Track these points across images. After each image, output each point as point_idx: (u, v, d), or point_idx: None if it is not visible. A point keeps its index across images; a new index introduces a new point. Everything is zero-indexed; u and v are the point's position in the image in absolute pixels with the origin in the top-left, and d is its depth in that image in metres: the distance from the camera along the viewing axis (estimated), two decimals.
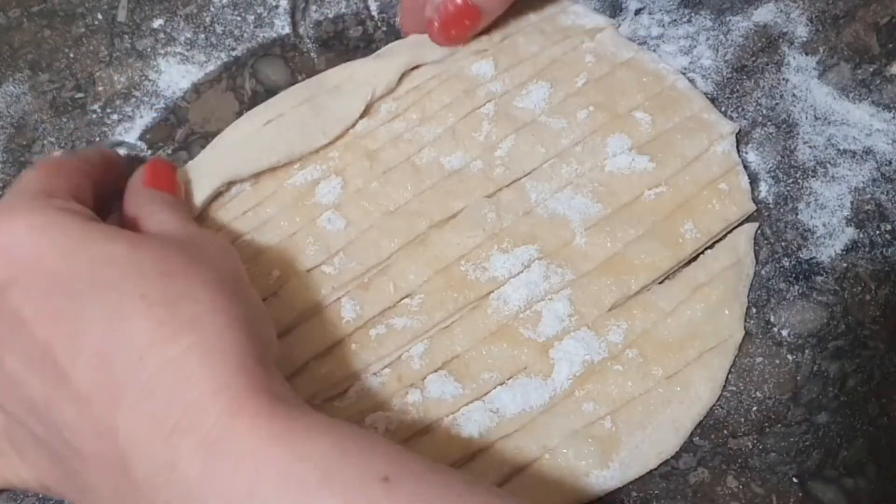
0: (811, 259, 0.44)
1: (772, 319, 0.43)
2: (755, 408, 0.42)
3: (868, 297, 0.44)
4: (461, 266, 0.43)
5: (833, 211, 0.45)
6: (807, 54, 0.49)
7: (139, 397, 0.31)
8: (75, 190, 0.38)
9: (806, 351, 0.43)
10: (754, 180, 0.46)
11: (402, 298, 0.43)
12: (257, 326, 0.34)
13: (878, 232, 0.45)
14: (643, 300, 0.43)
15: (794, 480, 0.41)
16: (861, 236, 0.45)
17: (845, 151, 0.46)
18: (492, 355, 0.42)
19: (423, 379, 0.42)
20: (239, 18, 0.51)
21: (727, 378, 0.42)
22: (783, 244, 0.45)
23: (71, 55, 0.51)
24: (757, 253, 0.45)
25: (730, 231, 0.45)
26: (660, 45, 0.49)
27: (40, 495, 0.41)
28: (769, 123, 0.47)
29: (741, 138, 0.47)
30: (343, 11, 0.51)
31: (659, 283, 0.44)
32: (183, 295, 0.32)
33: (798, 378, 0.42)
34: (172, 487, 0.30)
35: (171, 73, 0.50)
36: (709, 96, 0.48)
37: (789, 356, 0.43)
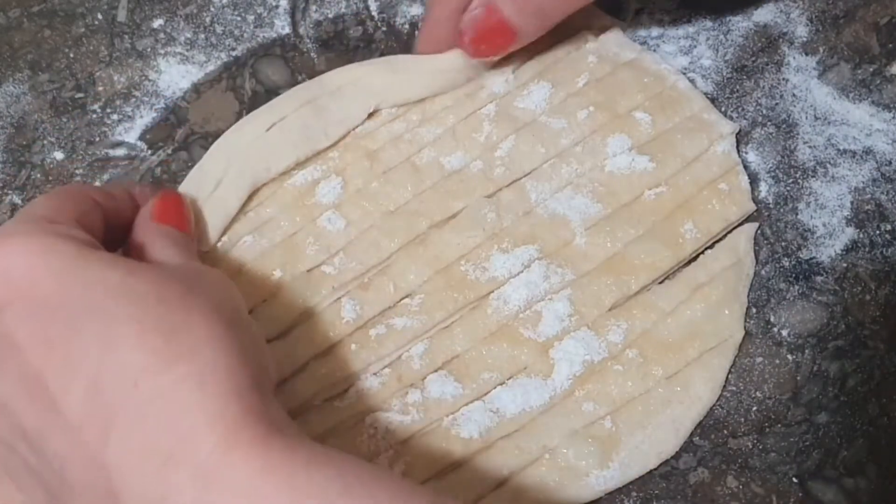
0: (811, 259, 0.44)
1: (772, 319, 0.43)
2: (755, 408, 0.42)
3: (868, 297, 0.44)
4: (461, 266, 0.43)
5: (833, 211, 0.45)
6: (807, 54, 0.49)
7: (131, 427, 0.30)
8: (81, 217, 0.37)
9: (806, 351, 0.43)
10: (754, 180, 0.46)
11: (402, 298, 0.43)
12: (254, 356, 0.34)
13: (878, 232, 0.45)
14: (643, 300, 0.43)
15: (794, 480, 0.41)
16: (861, 236, 0.45)
17: (845, 151, 0.46)
18: (492, 355, 0.42)
19: (423, 379, 0.42)
20: (239, 18, 0.51)
21: (727, 378, 0.42)
22: (783, 244, 0.45)
23: (71, 55, 0.51)
24: (757, 253, 0.45)
25: (730, 231, 0.45)
26: (660, 45, 0.49)
27: None
28: (769, 123, 0.47)
29: (741, 138, 0.47)
30: (343, 11, 0.51)
31: (659, 283, 0.44)
32: (179, 324, 0.32)
33: (798, 378, 0.42)
34: None
35: (171, 73, 0.50)
36: (709, 96, 0.48)
37: (789, 356, 0.43)
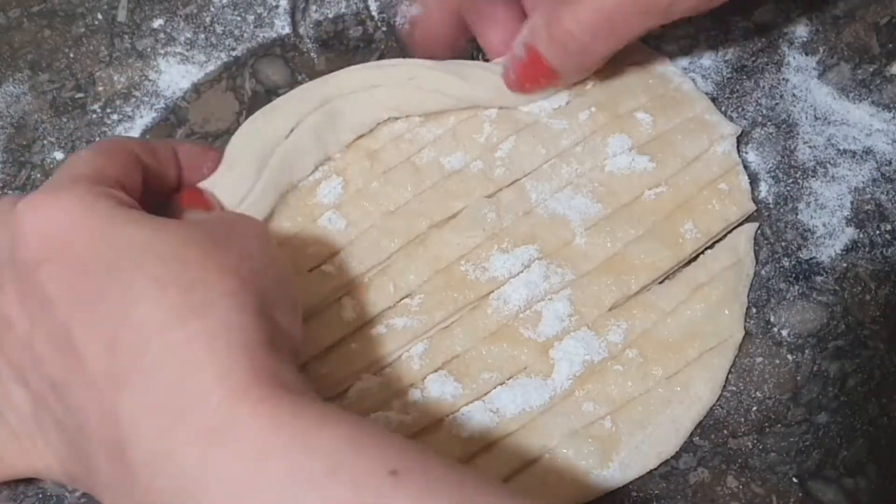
0: (811, 259, 0.44)
1: (772, 319, 0.43)
2: (755, 408, 0.42)
3: (868, 297, 0.44)
4: (461, 266, 0.43)
5: (833, 211, 0.45)
6: (807, 54, 0.49)
7: (142, 382, 0.30)
8: (121, 176, 0.38)
9: (806, 351, 0.43)
10: (754, 180, 0.46)
11: (402, 298, 0.43)
12: (276, 314, 0.34)
13: (878, 232, 0.45)
14: (643, 300, 0.43)
15: (794, 480, 0.41)
16: (861, 236, 0.45)
17: (845, 151, 0.46)
18: (492, 355, 0.42)
19: (423, 379, 0.42)
20: (239, 18, 0.51)
21: (727, 378, 0.42)
22: (783, 244, 0.45)
23: (71, 55, 0.51)
24: (757, 253, 0.45)
25: (730, 231, 0.45)
26: (660, 46, 0.49)
27: (40, 495, 0.41)
28: (769, 123, 0.47)
29: (741, 138, 0.47)
30: (343, 11, 0.51)
31: (659, 283, 0.44)
32: (197, 280, 0.32)
33: (798, 378, 0.42)
34: (169, 477, 0.29)
35: (171, 73, 0.50)
36: (709, 96, 0.48)
37: (789, 356, 0.43)
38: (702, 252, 0.44)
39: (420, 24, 0.48)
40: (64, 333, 0.32)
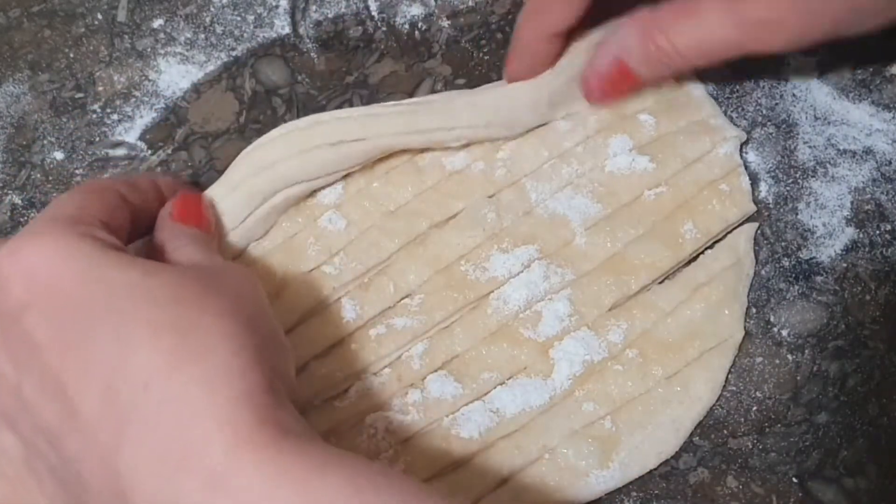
0: (811, 259, 0.44)
1: (772, 319, 0.43)
2: (755, 408, 0.42)
3: (868, 297, 0.44)
4: (461, 266, 0.43)
5: (833, 211, 0.45)
6: (807, 54, 0.49)
7: (142, 430, 0.30)
8: (107, 215, 0.37)
9: (806, 351, 0.43)
10: (754, 180, 0.46)
11: (402, 298, 0.43)
12: (271, 357, 0.34)
13: (878, 232, 0.45)
14: (643, 300, 0.43)
15: (794, 480, 0.41)
16: (861, 236, 0.45)
17: (845, 151, 0.46)
18: (492, 355, 0.42)
19: (423, 379, 0.42)
20: (239, 18, 0.51)
21: (727, 378, 0.42)
22: (783, 244, 0.45)
23: (71, 55, 0.51)
24: (757, 253, 0.45)
25: (730, 231, 0.45)
26: None
27: None
28: (769, 123, 0.47)
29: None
30: (343, 11, 0.51)
31: (659, 283, 0.44)
32: (192, 325, 0.31)
33: (798, 378, 0.42)
34: None
35: (171, 73, 0.50)
36: (709, 96, 0.48)
37: (789, 356, 0.43)
38: (702, 252, 0.44)
39: (511, 49, 0.45)
40: (55, 381, 0.31)
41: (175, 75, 0.50)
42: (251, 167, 0.43)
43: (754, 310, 0.44)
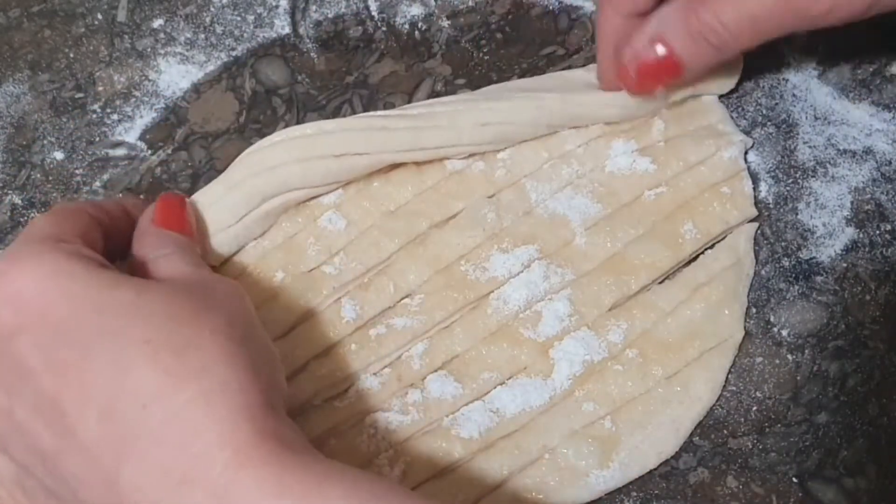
0: (811, 259, 0.44)
1: (772, 319, 0.43)
2: (755, 408, 0.42)
3: (868, 297, 0.44)
4: (461, 266, 0.43)
5: (833, 211, 0.45)
6: (807, 54, 0.49)
7: (144, 449, 0.30)
8: (84, 235, 0.37)
9: (806, 351, 0.43)
10: (754, 180, 0.46)
11: (402, 298, 0.43)
12: (266, 371, 0.34)
13: (878, 232, 0.45)
14: (643, 300, 0.43)
15: (794, 480, 0.41)
16: (861, 236, 0.45)
17: (845, 151, 0.46)
18: (492, 355, 0.42)
19: (423, 379, 0.42)
20: (239, 18, 0.51)
21: (727, 378, 0.42)
22: (783, 244, 0.45)
23: (71, 55, 0.51)
24: (757, 253, 0.44)
25: (730, 231, 0.45)
26: None
27: None
28: (769, 123, 0.47)
29: None
30: (343, 11, 0.51)
31: (659, 283, 0.44)
32: (189, 342, 0.31)
33: (798, 378, 0.42)
34: None
35: (171, 73, 0.50)
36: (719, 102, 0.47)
37: (789, 356, 0.43)
38: (702, 252, 0.44)
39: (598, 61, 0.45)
40: (51, 403, 0.31)
41: (175, 75, 0.50)
42: (253, 167, 0.42)
43: (754, 310, 0.44)
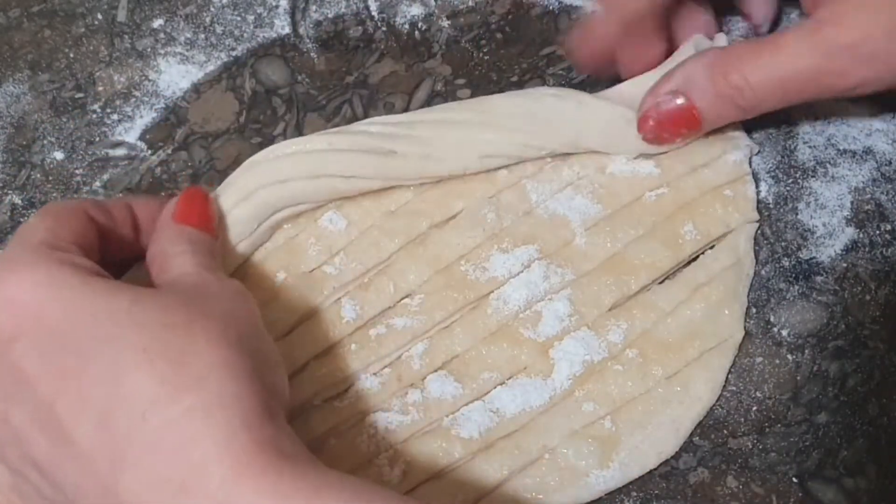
0: (811, 259, 0.44)
1: (772, 319, 0.43)
2: (755, 408, 0.42)
3: (868, 297, 0.44)
4: (461, 266, 0.43)
5: (833, 211, 0.45)
6: None
7: (142, 457, 0.30)
8: (78, 238, 0.36)
9: (806, 351, 0.43)
10: (754, 180, 0.46)
11: (402, 298, 0.43)
12: (267, 376, 0.34)
13: (878, 232, 0.45)
14: (643, 300, 0.43)
15: (794, 480, 0.41)
16: (861, 236, 0.45)
17: (845, 151, 0.46)
18: (492, 355, 0.42)
19: (423, 379, 0.42)
20: (239, 18, 0.51)
21: (727, 378, 0.42)
22: (783, 244, 0.45)
23: (71, 55, 0.51)
24: (757, 253, 0.44)
25: (730, 231, 0.45)
26: None
27: None
28: (769, 123, 0.47)
29: None
30: (343, 11, 0.51)
31: (659, 283, 0.44)
32: (186, 350, 0.31)
33: (798, 378, 0.42)
34: None
35: (171, 73, 0.50)
36: None
37: (789, 356, 0.43)
38: (701, 252, 0.44)
39: (581, 35, 0.45)
40: (47, 411, 0.31)
41: (175, 75, 0.50)
42: (264, 178, 0.42)
43: (754, 310, 0.44)
